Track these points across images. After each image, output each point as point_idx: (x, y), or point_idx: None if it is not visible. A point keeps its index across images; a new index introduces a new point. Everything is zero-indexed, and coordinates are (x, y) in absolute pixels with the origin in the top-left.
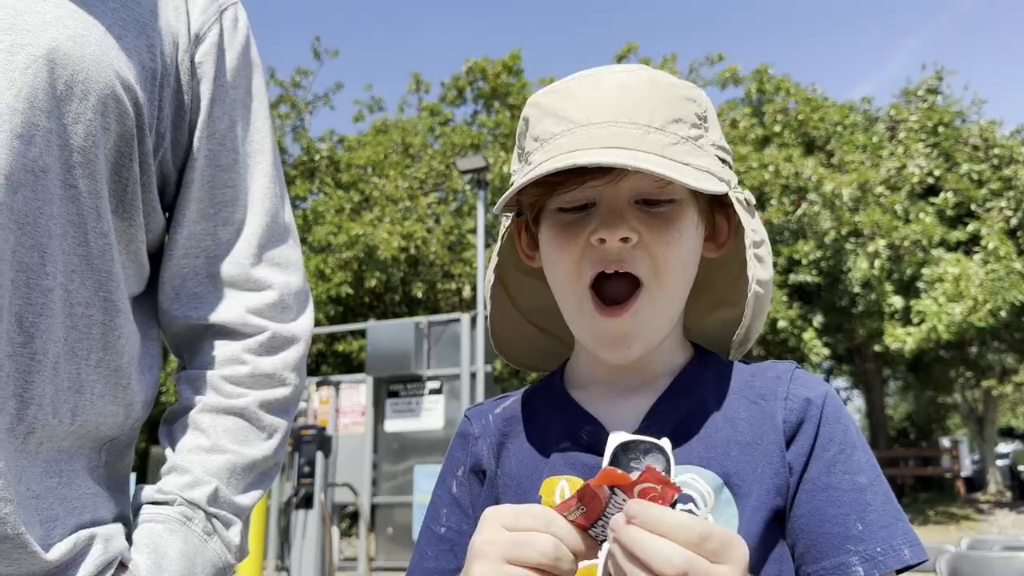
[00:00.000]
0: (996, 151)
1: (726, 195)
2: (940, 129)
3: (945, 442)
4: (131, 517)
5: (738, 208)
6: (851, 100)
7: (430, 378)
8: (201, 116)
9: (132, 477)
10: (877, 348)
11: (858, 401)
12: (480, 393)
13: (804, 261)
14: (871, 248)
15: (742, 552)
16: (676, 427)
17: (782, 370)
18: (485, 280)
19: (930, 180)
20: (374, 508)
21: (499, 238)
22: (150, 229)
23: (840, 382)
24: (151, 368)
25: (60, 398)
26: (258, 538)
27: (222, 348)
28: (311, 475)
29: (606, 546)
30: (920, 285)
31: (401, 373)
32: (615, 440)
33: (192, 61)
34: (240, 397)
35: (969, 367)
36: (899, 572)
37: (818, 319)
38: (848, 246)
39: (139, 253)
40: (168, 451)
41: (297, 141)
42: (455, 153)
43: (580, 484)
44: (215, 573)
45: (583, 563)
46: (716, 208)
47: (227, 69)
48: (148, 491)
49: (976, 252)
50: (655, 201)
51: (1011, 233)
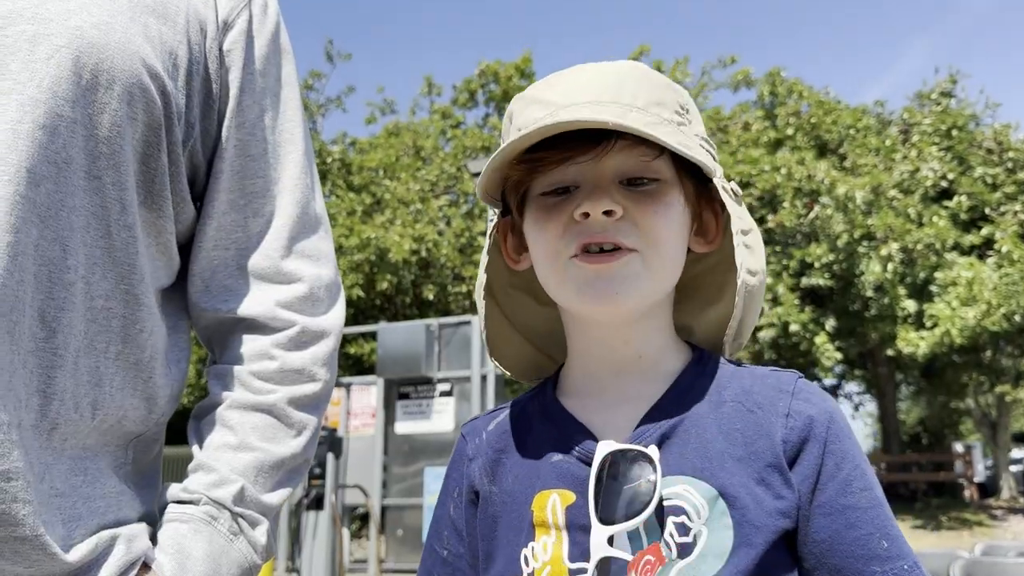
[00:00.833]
0: (1010, 154)
1: (712, 188)
2: (954, 132)
3: (958, 447)
4: (157, 515)
5: (724, 196)
6: (864, 103)
7: (440, 380)
8: (230, 105)
9: (159, 472)
10: (890, 352)
11: (870, 406)
12: (491, 395)
13: (816, 264)
14: (884, 252)
15: None
16: (669, 436)
17: (785, 381)
18: (477, 281)
19: (944, 183)
20: (384, 510)
21: (486, 243)
22: (180, 220)
23: (852, 386)
24: (179, 362)
25: (80, 392)
26: None
27: (251, 343)
28: (322, 476)
29: None
30: (933, 289)
31: (411, 375)
32: (603, 450)
33: (221, 49)
34: (269, 393)
35: (982, 372)
36: None
37: (830, 323)
38: (861, 249)
39: (168, 245)
40: (195, 448)
41: None
42: (466, 156)
43: (572, 498)
44: (241, 573)
45: None
46: (703, 203)
47: (256, 57)
48: (174, 490)
49: (990, 256)
50: (639, 180)
51: None
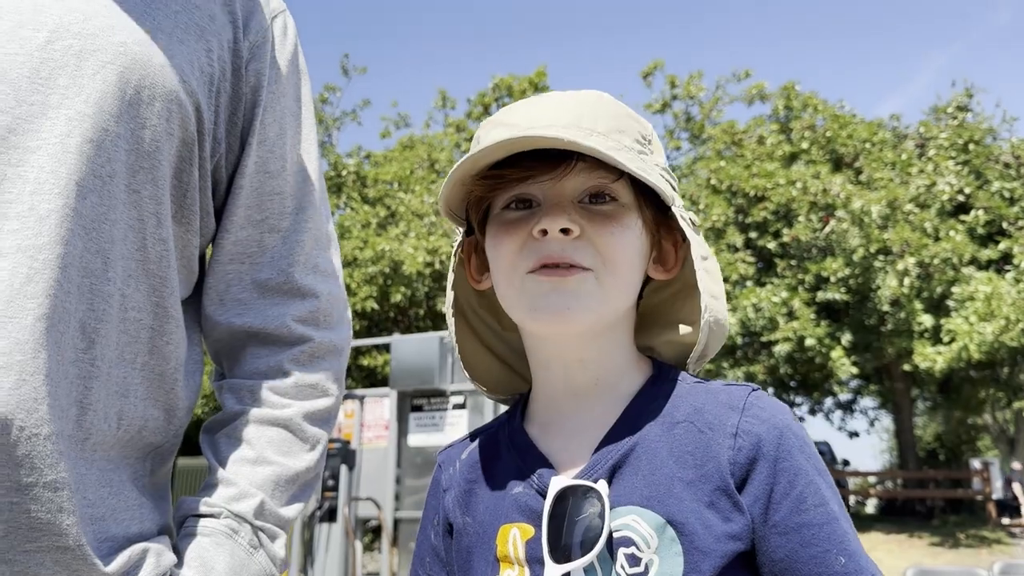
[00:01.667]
0: None
1: (671, 218)
2: (971, 146)
3: (976, 464)
4: (173, 527)
5: (683, 224)
6: (879, 117)
7: (453, 393)
8: (253, 123)
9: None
10: (906, 367)
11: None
12: (503, 408)
13: (832, 279)
14: (900, 266)
15: None
16: (619, 465)
17: (736, 397)
18: (446, 298)
19: (960, 198)
20: (397, 523)
21: (452, 261)
22: (203, 234)
23: (868, 401)
24: (194, 373)
25: (110, 402)
26: None
27: (266, 357)
28: (335, 488)
29: None
30: (950, 304)
31: (425, 387)
32: (555, 486)
33: (246, 68)
34: (284, 408)
35: (1000, 387)
36: None
37: (846, 337)
38: (877, 264)
39: (191, 258)
40: (212, 462)
41: (324, 157)
42: None
43: (531, 532)
44: None
45: None
46: (663, 232)
47: (277, 77)
48: (193, 503)
49: (1008, 271)
50: (599, 196)
51: None
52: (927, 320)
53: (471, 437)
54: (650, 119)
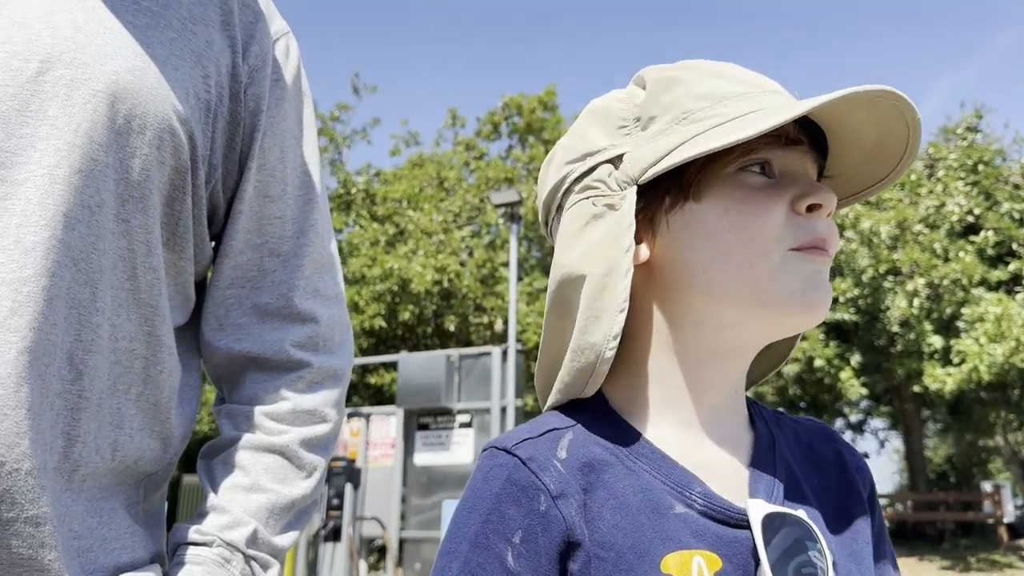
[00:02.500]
0: None
1: None
2: (980, 167)
3: (987, 486)
4: (166, 554)
5: None
6: None
7: (460, 411)
8: (252, 147)
9: (164, 508)
10: (916, 389)
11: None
12: (510, 427)
13: (842, 299)
14: (910, 287)
15: None
16: (785, 494)
17: (828, 432)
18: (618, 285)
19: (970, 218)
20: (402, 542)
21: (623, 237)
22: (198, 260)
23: (878, 422)
24: (190, 400)
25: (102, 434)
26: (287, 571)
27: (264, 383)
28: (340, 508)
29: None
30: (960, 325)
31: (431, 406)
32: (759, 512)
33: (245, 92)
34: (281, 434)
35: (1011, 409)
36: None
37: (856, 358)
38: (886, 284)
39: (187, 285)
40: (207, 488)
41: (334, 174)
42: (489, 187)
43: (718, 563)
44: None
45: None
46: None
47: (278, 100)
48: (185, 531)
49: (1018, 292)
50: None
51: None
52: (937, 341)
53: (550, 434)
54: None
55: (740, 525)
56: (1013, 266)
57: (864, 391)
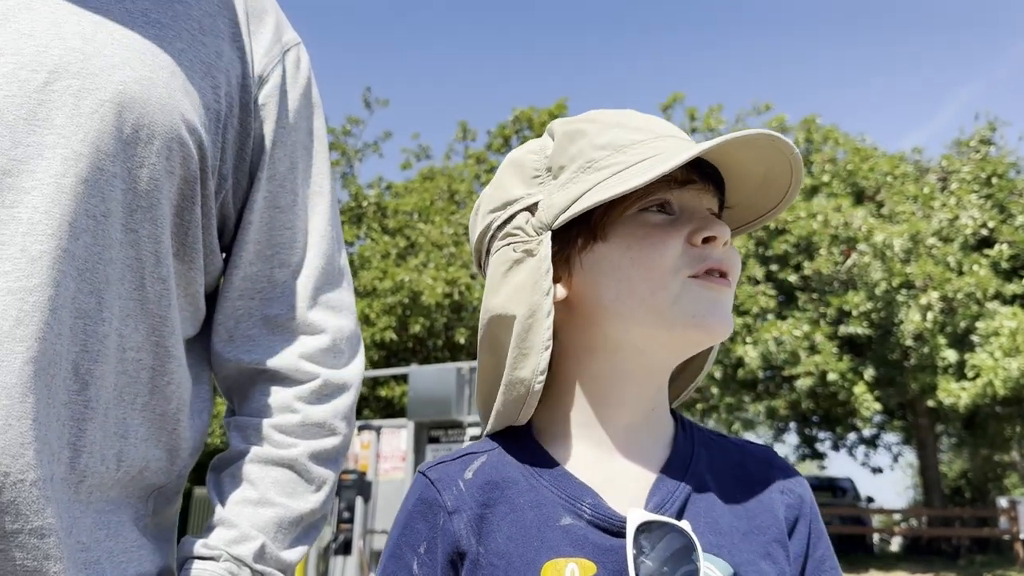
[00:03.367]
0: None
1: None
2: (994, 180)
3: (1003, 502)
4: (174, 569)
5: None
6: (901, 150)
7: (470, 424)
8: (262, 158)
9: (176, 523)
10: (930, 403)
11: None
12: None
13: (854, 313)
14: (923, 300)
15: None
16: (683, 508)
17: (769, 455)
18: (541, 325)
19: (984, 232)
20: None
21: (540, 273)
22: (208, 271)
23: (892, 437)
24: (201, 412)
25: (107, 444)
26: None
27: (273, 395)
28: (351, 520)
29: None
30: (975, 339)
31: (442, 418)
32: (635, 520)
33: (255, 102)
34: (290, 447)
35: None
36: None
37: (869, 372)
38: (900, 298)
39: (197, 296)
40: (215, 502)
41: (346, 187)
42: None
43: (592, 569)
44: None
45: None
46: None
47: (289, 111)
48: (193, 545)
49: None
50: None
51: None
52: (951, 355)
53: (465, 456)
54: None
55: (622, 533)
56: None
57: (878, 405)
